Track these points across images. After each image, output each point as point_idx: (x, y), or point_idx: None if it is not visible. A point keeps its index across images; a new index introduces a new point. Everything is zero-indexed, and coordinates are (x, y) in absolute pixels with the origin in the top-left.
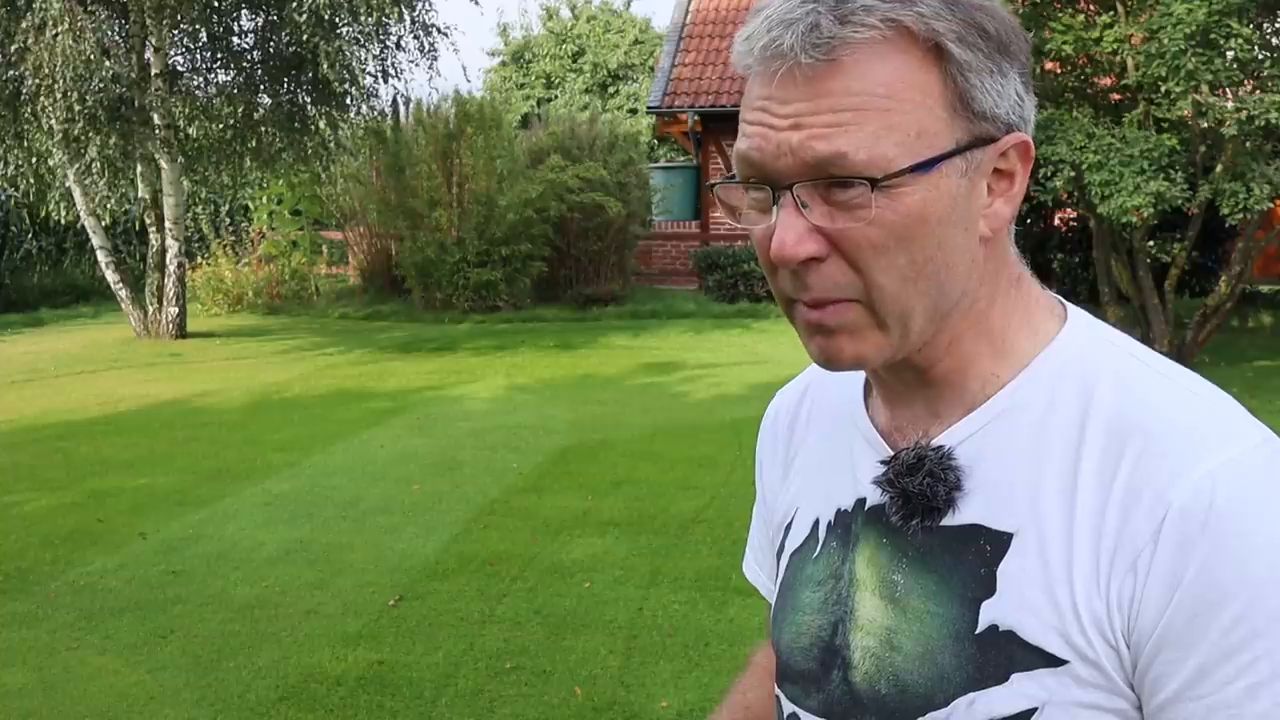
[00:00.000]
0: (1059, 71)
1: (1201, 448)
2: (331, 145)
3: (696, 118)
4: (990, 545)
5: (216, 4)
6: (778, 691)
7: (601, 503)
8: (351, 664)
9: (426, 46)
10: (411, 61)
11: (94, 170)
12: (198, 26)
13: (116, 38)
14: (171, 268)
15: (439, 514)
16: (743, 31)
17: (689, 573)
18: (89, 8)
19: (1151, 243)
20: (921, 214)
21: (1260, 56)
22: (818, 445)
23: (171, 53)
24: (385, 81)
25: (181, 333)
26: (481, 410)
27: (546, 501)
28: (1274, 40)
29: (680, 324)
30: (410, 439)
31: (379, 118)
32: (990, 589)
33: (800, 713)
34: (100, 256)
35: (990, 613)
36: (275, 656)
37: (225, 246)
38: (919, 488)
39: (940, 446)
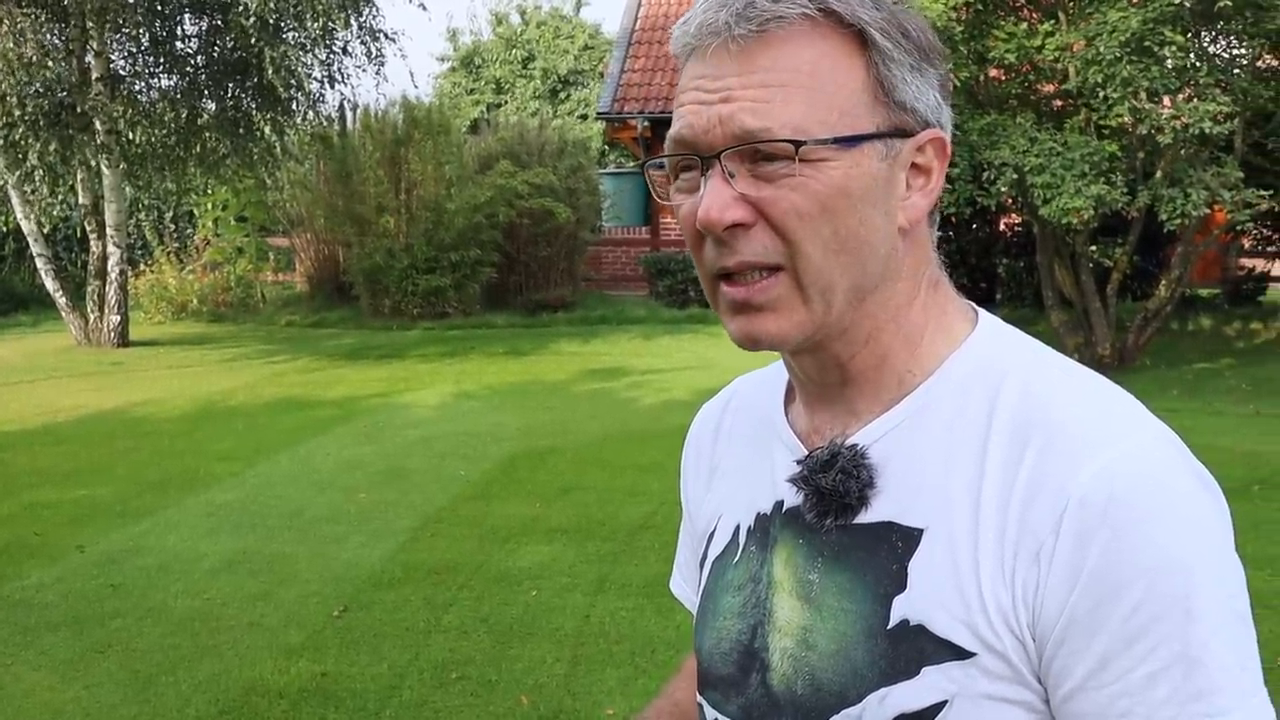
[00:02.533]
0: (1002, 79)
1: (1100, 442)
2: (277, 151)
3: (646, 123)
4: (902, 541)
5: (159, 8)
6: (700, 699)
7: (550, 510)
8: (294, 676)
9: (374, 52)
10: (358, 67)
11: (34, 177)
12: (140, 30)
13: (56, 41)
14: (113, 275)
15: (385, 523)
16: (681, 19)
17: (636, 579)
18: (26, 9)
19: (1094, 247)
20: (844, 187)
21: (1197, 64)
22: (739, 453)
23: (113, 56)
24: (332, 87)
25: (123, 341)
26: (430, 417)
27: (494, 509)
28: (1210, 49)
29: (630, 330)
30: (357, 447)
31: (325, 123)
32: (901, 584)
33: (721, 718)
34: (39, 264)
35: (901, 607)
36: (216, 670)
37: (169, 253)
38: (832, 484)
39: (854, 445)
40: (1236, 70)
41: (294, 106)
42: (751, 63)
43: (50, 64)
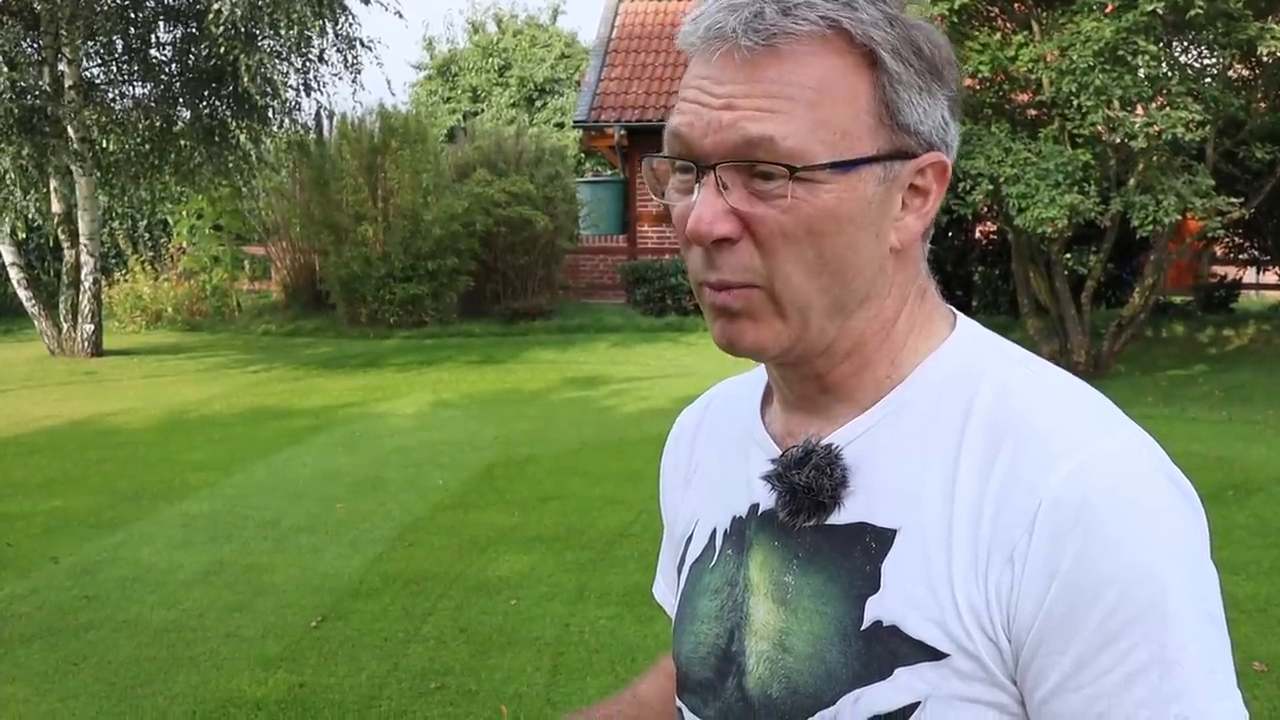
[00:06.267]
0: (977, 88)
1: (1073, 442)
2: (253, 159)
3: (623, 132)
4: (875, 542)
5: (133, 16)
6: (679, 703)
7: (528, 518)
8: (271, 687)
9: (350, 60)
10: (334, 74)
11: (6, 183)
12: (114, 38)
13: (28, 49)
14: (87, 284)
15: (363, 532)
16: (691, 12)
17: (616, 588)
18: None
19: (1068, 255)
20: (835, 212)
21: (1169, 74)
22: (716, 458)
23: (87, 64)
24: (308, 95)
25: (97, 351)
26: (407, 426)
27: (473, 518)
28: (1182, 59)
29: (608, 338)
30: (334, 457)
31: (301, 131)
32: (875, 585)
33: None
34: (12, 273)
35: (875, 608)
36: (192, 681)
37: (143, 262)
38: (805, 481)
39: (829, 444)
40: (1208, 79)
41: (270, 114)
42: (757, 74)
43: (17, 72)
